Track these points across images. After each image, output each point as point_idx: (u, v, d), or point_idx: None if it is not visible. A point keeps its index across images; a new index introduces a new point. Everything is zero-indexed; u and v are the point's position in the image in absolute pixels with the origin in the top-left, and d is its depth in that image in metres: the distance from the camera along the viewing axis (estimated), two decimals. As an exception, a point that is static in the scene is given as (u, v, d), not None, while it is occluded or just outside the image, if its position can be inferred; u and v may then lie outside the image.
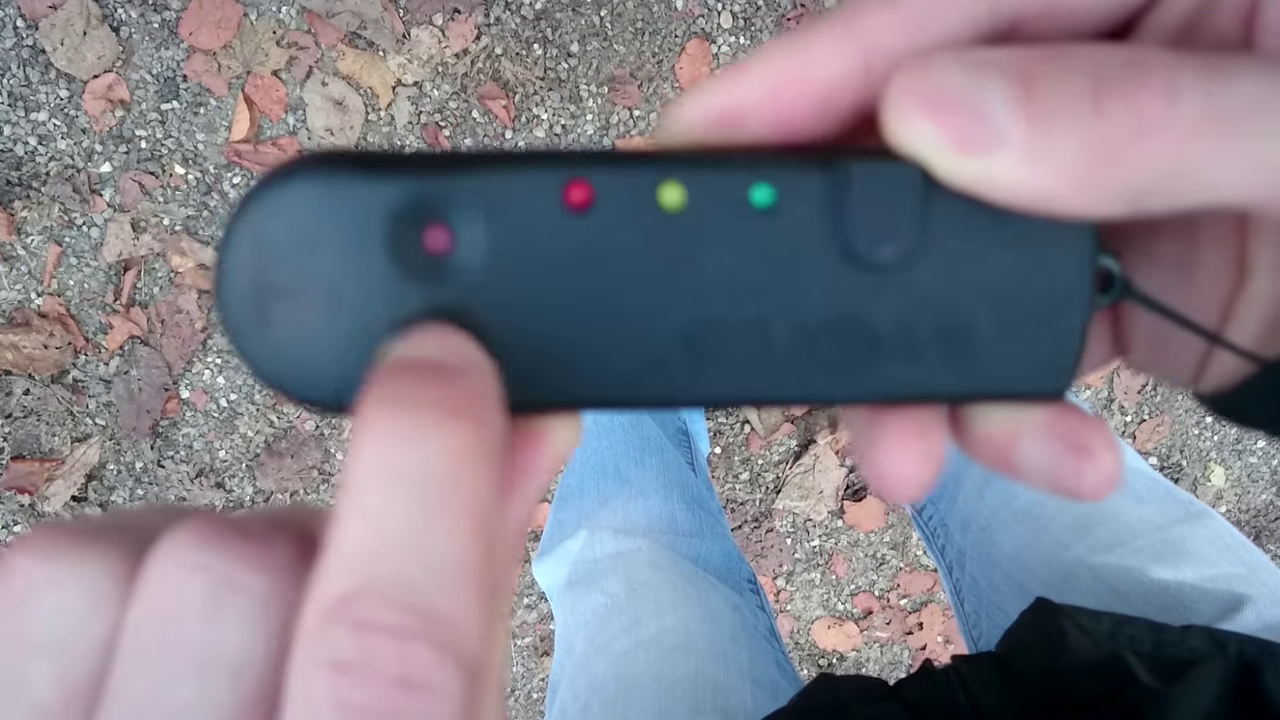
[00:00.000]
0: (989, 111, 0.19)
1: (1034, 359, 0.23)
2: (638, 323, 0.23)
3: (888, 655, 2.14)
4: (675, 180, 0.22)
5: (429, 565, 0.17)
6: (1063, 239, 0.22)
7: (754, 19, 1.57)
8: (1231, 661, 0.58)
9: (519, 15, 1.55)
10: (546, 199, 0.22)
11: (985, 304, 0.23)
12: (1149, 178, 0.19)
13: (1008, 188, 0.20)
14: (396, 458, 0.18)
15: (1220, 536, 0.82)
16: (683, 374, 0.23)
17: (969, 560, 1.02)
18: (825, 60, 0.21)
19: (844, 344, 0.23)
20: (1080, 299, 0.23)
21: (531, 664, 2.07)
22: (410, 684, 0.16)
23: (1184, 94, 0.18)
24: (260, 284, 0.21)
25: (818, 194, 0.22)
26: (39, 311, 1.63)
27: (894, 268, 0.22)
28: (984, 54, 0.20)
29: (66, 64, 1.51)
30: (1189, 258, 0.26)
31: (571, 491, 1.29)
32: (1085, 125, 0.19)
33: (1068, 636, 0.61)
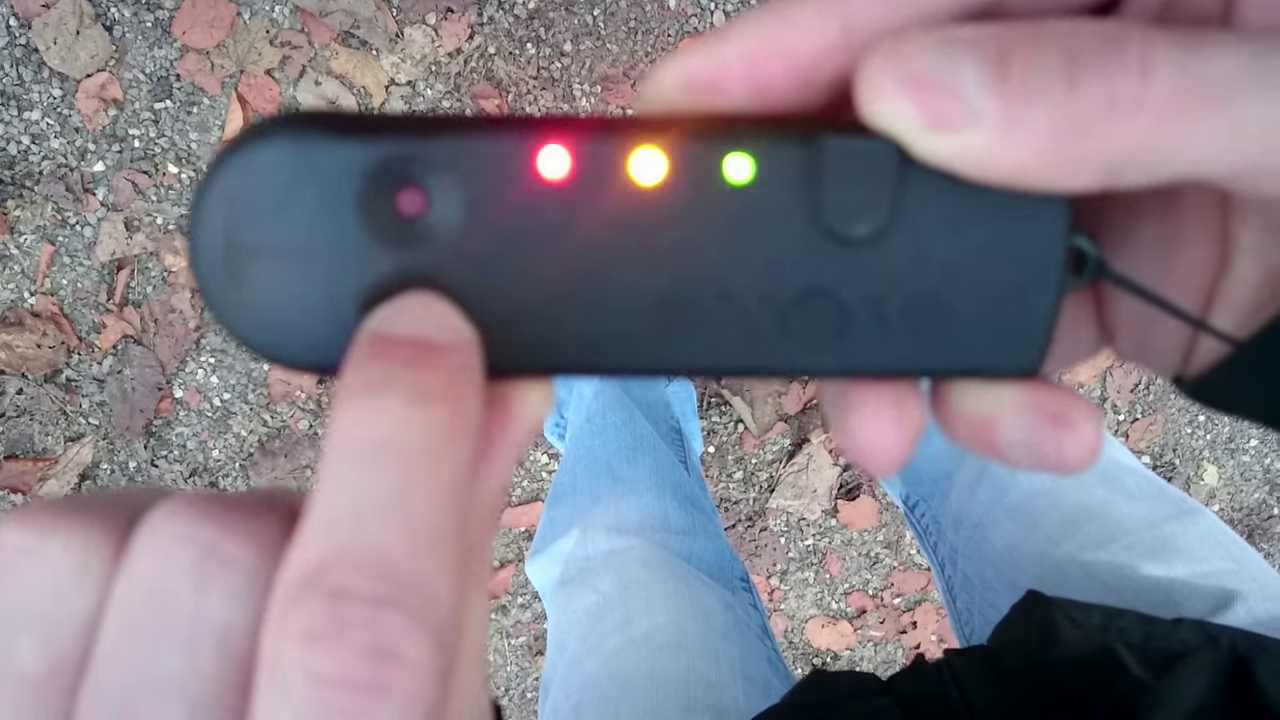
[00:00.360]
0: (963, 89, 0.19)
1: (1006, 336, 0.23)
2: (611, 290, 0.23)
3: (881, 654, 2.15)
4: (651, 150, 0.22)
5: (403, 535, 0.17)
6: (1037, 216, 0.22)
7: (747, 18, 1.57)
8: (1223, 654, 0.58)
9: (512, 14, 1.55)
10: (521, 165, 0.21)
11: (959, 280, 0.23)
12: (1122, 153, 0.19)
13: (981, 164, 0.20)
14: (374, 432, 0.18)
15: (1212, 533, 0.82)
16: (655, 342, 0.23)
17: (961, 557, 1.02)
18: (806, 31, 0.21)
19: (816, 317, 0.23)
20: (1052, 276, 0.22)
21: (525, 663, 2.07)
22: (383, 653, 0.16)
23: (1158, 70, 0.18)
24: (233, 243, 0.21)
25: (794, 168, 0.22)
26: (32, 311, 1.63)
27: (868, 243, 0.22)
28: (961, 31, 0.20)
29: (59, 63, 1.50)
30: (1171, 239, 0.26)
31: (564, 490, 1.29)
32: (1058, 102, 0.19)
33: (1059, 629, 0.61)
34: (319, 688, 0.16)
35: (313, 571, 0.17)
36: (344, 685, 0.16)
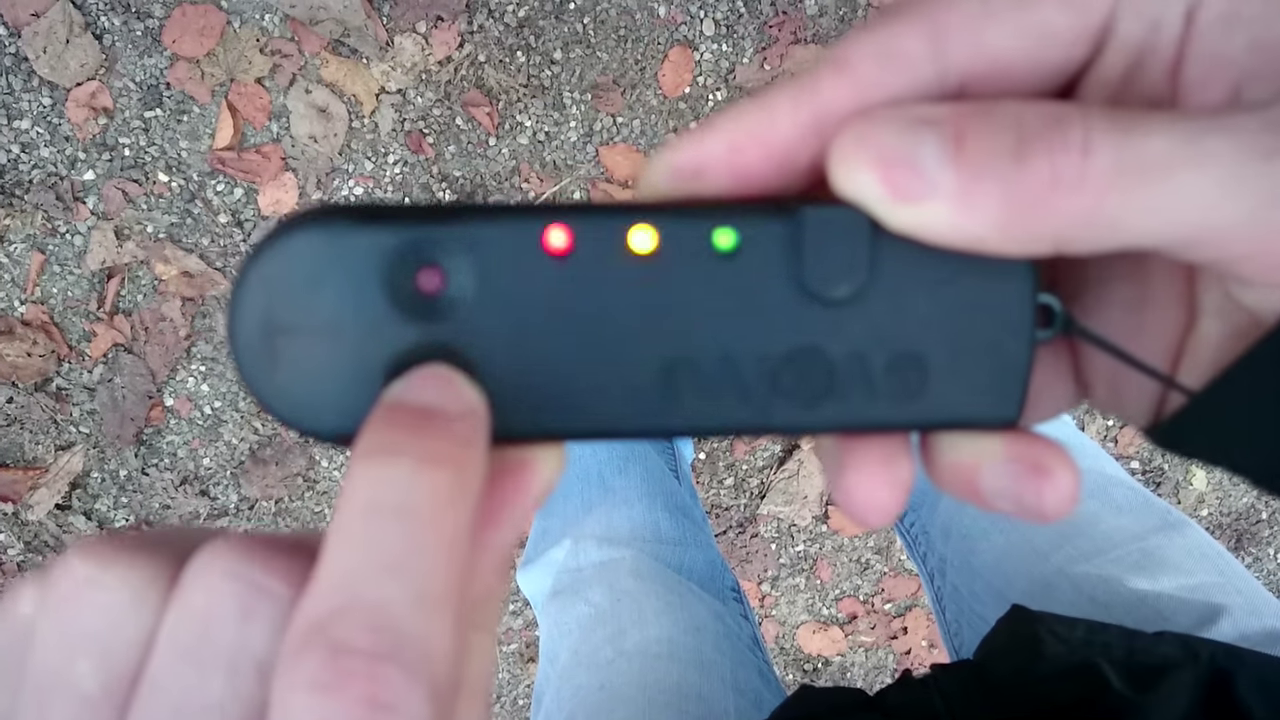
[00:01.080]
0: (922, 164, 0.21)
1: (984, 389, 0.25)
2: (615, 358, 0.24)
3: (872, 660, 2.15)
4: (646, 226, 0.24)
5: (404, 593, 0.19)
6: (1004, 276, 0.24)
7: (736, 26, 1.58)
8: (1204, 669, 0.58)
9: (502, 23, 1.55)
10: (528, 244, 0.23)
11: (935, 337, 0.24)
12: (1067, 225, 0.21)
13: (941, 232, 0.22)
14: (382, 494, 0.20)
15: (1198, 546, 0.83)
16: (658, 406, 0.25)
17: (950, 568, 1.02)
18: (781, 120, 0.23)
19: (805, 376, 0.24)
20: (1023, 332, 0.24)
21: (517, 670, 2.07)
22: (379, 704, 0.17)
23: (1097, 149, 0.20)
24: (269, 324, 0.23)
25: (776, 237, 0.24)
26: (22, 319, 1.63)
27: (848, 304, 0.24)
28: (922, 110, 0.22)
29: (49, 72, 1.50)
30: (1141, 301, 0.27)
31: (555, 500, 1.29)
32: (1008, 177, 0.20)
33: (1043, 644, 0.62)
34: None
35: (319, 624, 0.18)
36: None
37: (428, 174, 1.62)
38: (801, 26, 1.57)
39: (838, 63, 0.23)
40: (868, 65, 0.23)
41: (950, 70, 0.23)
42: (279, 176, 1.60)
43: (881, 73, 0.23)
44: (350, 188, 1.62)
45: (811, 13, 1.57)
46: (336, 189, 1.62)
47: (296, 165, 1.60)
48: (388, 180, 1.62)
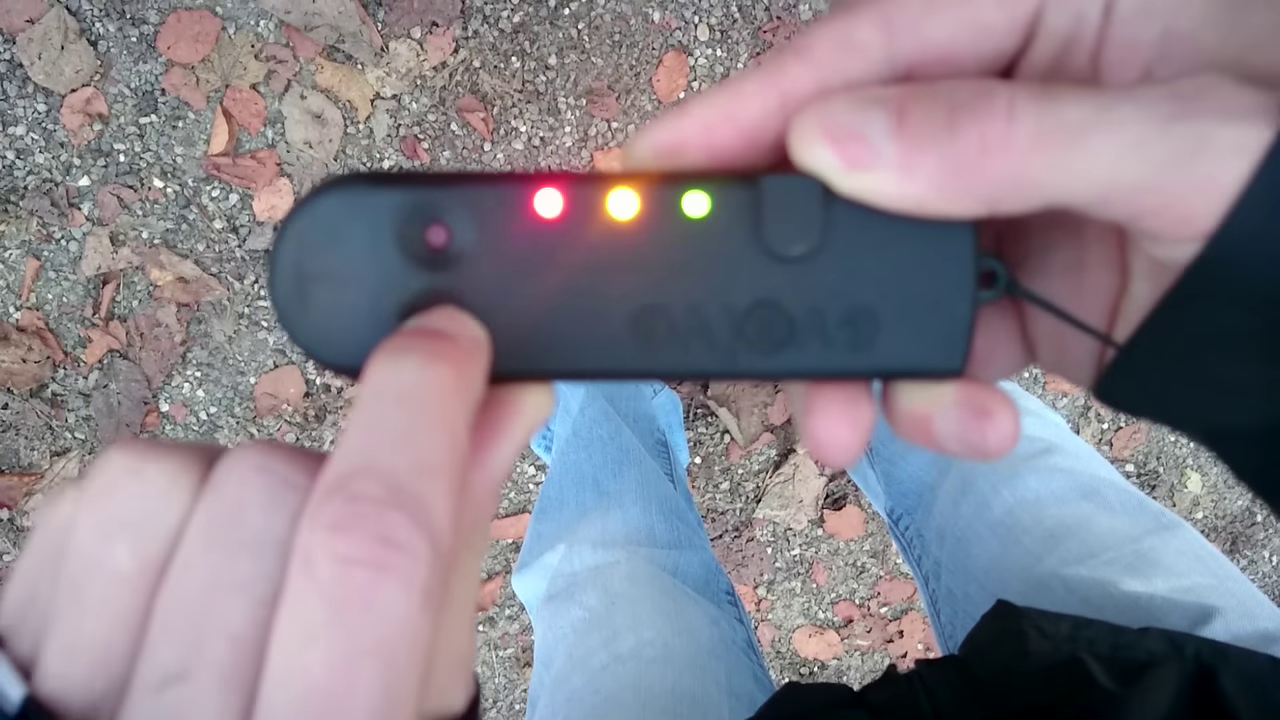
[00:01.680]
0: (870, 136, 0.24)
1: (931, 341, 0.27)
2: (597, 308, 0.27)
3: (869, 663, 2.15)
4: (627, 190, 0.27)
5: (410, 461, 0.22)
6: (947, 237, 0.27)
7: (730, 31, 1.58)
8: (1188, 664, 0.59)
9: (497, 28, 1.56)
10: (522, 205, 0.27)
11: (885, 293, 0.27)
12: (996, 185, 0.23)
13: (887, 196, 0.24)
14: (392, 383, 0.23)
15: (1191, 548, 0.83)
16: (635, 351, 0.28)
17: (945, 571, 1.02)
18: (750, 101, 0.26)
19: (767, 327, 0.27)
20: (965, 288, 0.27)
21: (514, 675, 2.07)
22: (388, 541, 0.20)
23: (1020, 115, 0.23)
24: (301, 272, 0.27)
25: (740, 202, 0.27)
26: (17, 325, 1.63)
27: (805, 262, 0.27)
28: (872, 91, 0.25)
29: (44, 78, 1.50)
30: (1078, 265, 0.30)
31: (550, 504, 1.29)
32: (943, 144, 0.23)
33: (1027, 639, 0.62)
34: (337, 564, 0.20)
35: (337, 481, 0.21)
36: (357, 562, 0.20)
37: (423, 179, 1.62)
38: (796, 31, 1.57)
39: (800, 50, 0.26)
40: (826, 52, 0.26)
41: (899, 57, 0.26)
42: (274, 182, 1.60)
43: (838, 59, 0.26)
44: (345, 193, 1.62)
45: (806, 18, 1.57)
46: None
47: (292, 171, 1.60)
48: (383, 185, 1.62)
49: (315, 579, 0.20)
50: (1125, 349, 0.27)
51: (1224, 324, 0.24)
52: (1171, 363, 0.26)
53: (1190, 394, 0.26)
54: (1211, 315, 0.24)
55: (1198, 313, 0.24)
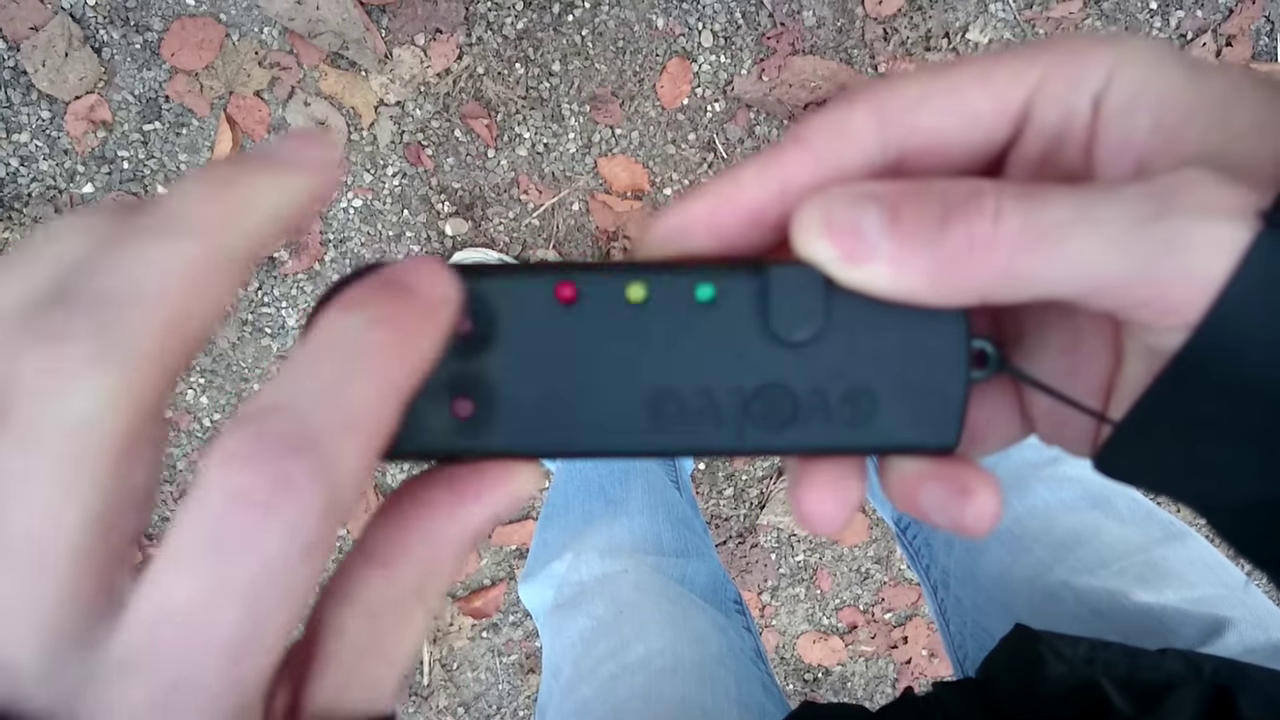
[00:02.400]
0: (866, 232, 0.25)
1: (927, 419, 0.29)
2: (612, 388, 0.29)
3: (873, 670, 2.15)
4: (639, 280, 0.28)
5: (329, 410, 0.22)
6: (940, 323, 0.28)
7: (734, 38, 1.58)
8: (1207, 685, 0.58)
9: (501, 35, 1.56)
10: (542, 295, 0.28)
11: (883, 375, 0.28)
12: (984, 280, 0.25)
13: (883, 287, 0.26)
14: (336, 334, 0.23)
15: (1201, 557, 0.83)
16: (646, 430, 0.29)
17: (954, 580, 1.02)
18: (750, 188, 0.28)
19: (772, 406, 0.29)
20: (958, 370, 0.28)
21: (517, 681, 2.06)
22: (284, 484, 0.20)
23: (1007, 216, 0.24)
24: None
25: (747, 290, 0.28)
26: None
27: (808, 346, 0.28)
28: (868, 187, 0.26)
29: (48, 85, 1.50)
30: (1073, 345, 0.31)
31: (557, 511, 1.29)
32: (934, 242, 0.25)
33: (1045, 663, 0.62)
34: (226, 496, 0.20)
35: (252, 414, 0.21)
36: (246, 498, 0.20)
37: (426, 186, 1.62)
38: (800, 38, 1.58)
39: (797, 138, 0.28)
40: (822, 140, 0.28)
41: (891, 145, 0.27)
42: (278, 189, 1.60)
43: (834, 146, 0.27)
44: (349, 200, 1.62)
45: (809, 24, 1.57)
46: (335, 201, 1.62)
47: (295, 177, 1.60)
48: (386, 192, 1.62)
49: (203, 504, 0.20)
50: (1118, 429, 0.28)
51: (1212, 408, 0.25)
52: (1163, 442, 0.27)
53: (1183, 471, 0.27)
54: (1200, 399, 0.25)
55: (1187, 396, 0.25)
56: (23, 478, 0.21)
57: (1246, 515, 0.28)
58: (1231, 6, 1.61)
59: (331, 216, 1.63)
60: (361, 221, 1.64)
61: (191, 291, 0.22)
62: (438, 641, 2.00)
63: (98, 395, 0.21)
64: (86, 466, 0.21)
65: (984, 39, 1.60)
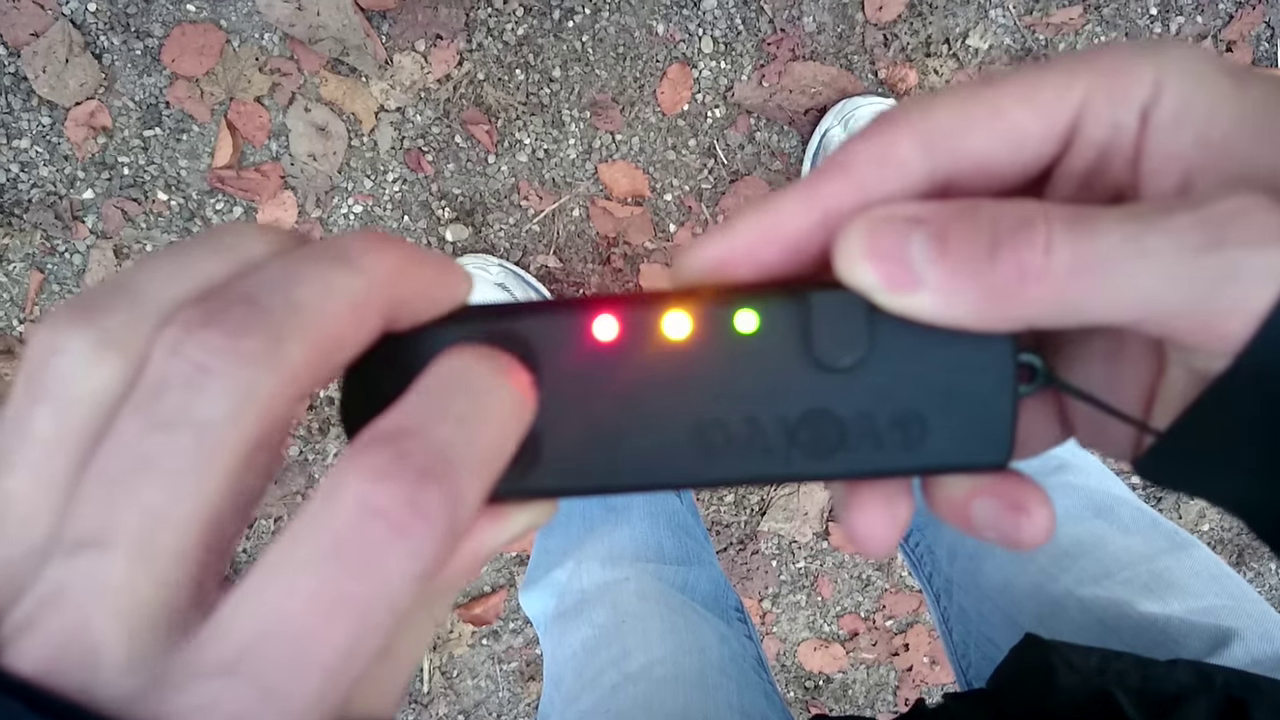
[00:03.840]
0: (912, 260, 0.25)
1: (976, 438, 0.28)
2: (658, 423, 0.28)
3: (874, 677, 2.15)
4: (680, 313, 0.28)
5: (464, 443, 0.23)
6: (987, 344, 0.28)
7: (734, 44, 1.58)
8: (1218, 697, 0.58)
9: (501, 41, 1.55)
10: (582, 332, 0.28)
11: (930, 397, 0.28)
12: (1034, 310, 0.24)
13: (928, 315, 0.25)
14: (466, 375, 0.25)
15: (1206, 567, 0.83)
16: (693, 462, 0.29)
17: (956, 589, 1.02)
18: (792, 218, 0.28)
19: (819, 433, 0.28)
20: (1006, 389, 0.28)
21: (518, 689, 2.06)
22: (418, 509, 0.21)
23: (1058, 247, 0.24)
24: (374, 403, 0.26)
25: (790, 318, 0.28)
26: (20, 339, 1.62)
27: (853, 372, 0.28)
28: (913, 209, 0.26)
29: (49, 91, 1.50)
30: (1117, 354, 0.31)
31: (557, 519, 1.29)
32: (983, 273, 0.24)
33: (1056, 673, 0.62)
34: (360, 509, 0.21)
35: (392, 433, 0.22)
36: (381, 516, 0.21)
37: (427, 192, 1.62)
38: (800, 44, 1.57)
39: (840, 165, 0.27)
40: (865, 167, 0.27)
41: (938, 170, 0.27)
42: (278, 195, 1.60)
43: (878, 174, 0.27)
44: (350, 206, 1.62)
45: (809, 30, 1.57)
46: (336, 207, 1.61)
47: (296, 184, 1.60)
48: (387, 198, 1.62)
49: (333, 513, 0.21)
50: (1161, 438, 0.28)
51: (1253, 424, 0.25)
52: (1205, 451, 0.27)
53: (1224, 478, 0.27)
54: (1243, 414, 0.25)
55: (1230, 413, 0.25)
56: (159, 458, 0.21)
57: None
58: (1232, 12, 1.61)
59: (332, 222, 1.62)
60: (362, 227, 1.63)
61: (352, 322, 0.24)
62: (438, 649, 2.00)
63: (251, 392, 0.21)
64: (220, 461, 0.21)
65: (984, 45, 1.60)
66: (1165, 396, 0.29)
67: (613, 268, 1.69)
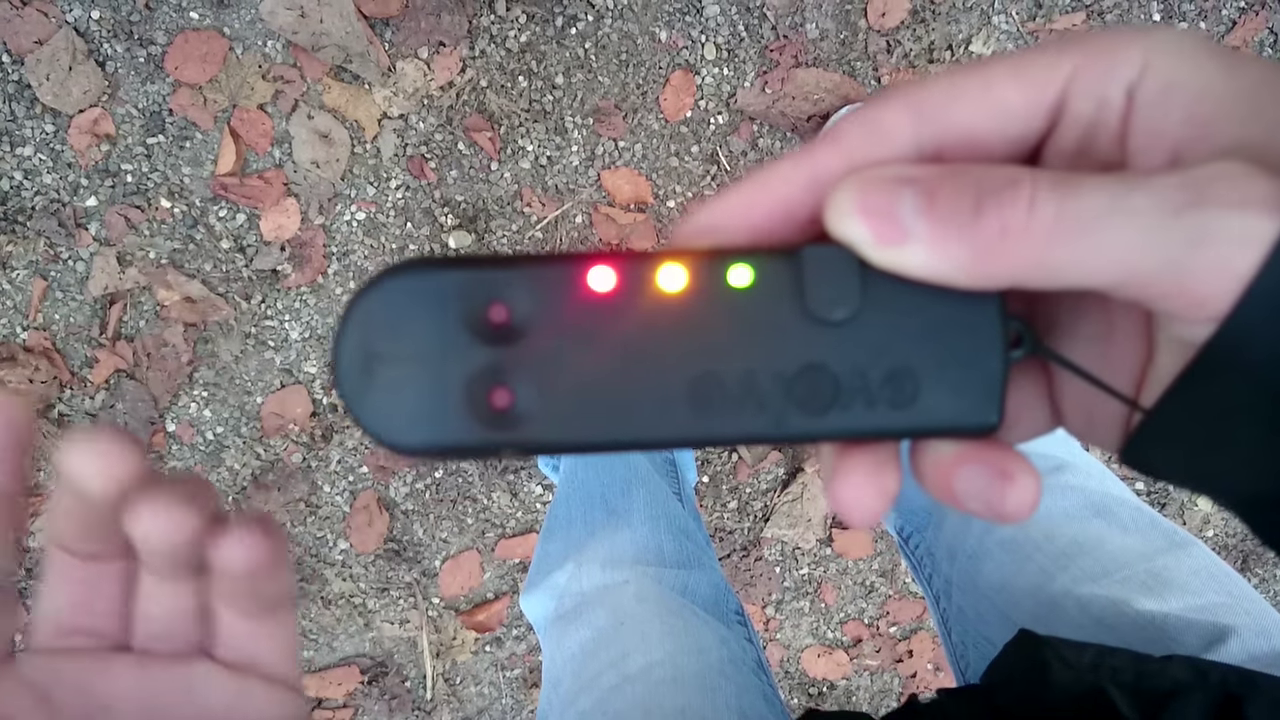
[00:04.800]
0: (901, 215, 0.26)
1: (966, 400, 0.29)
2: (652, 378, 0.29)
3: (878, 684, 2.14)
4: (676, 265, 0.28)
5: None
6: (976, 303, 0.28)
7: (737, 50, 1.58)
8: (1214, 692, 0.58)
9: (504, 48, 1.56)
10: (578, 281, 0.28)
11: (923, 355, 0.28)
12: (1017, 267, 0.25)
13: (916, 270, 0.26)
14: None
15: (1205, 566, 0.82)
16: (690, 418, 0.29)
17: (955, 589, 1.02)
18: (784, 183, 0.28)
19: (814, 388, 0.29)
20: (996, 349, 0.28)
21: (521, 696, 2.06)
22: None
23: (1041, 204, 0.24)
24: (367, 355, 0.28)
25: (782, 272, 0.28)
26: (24, 346, 1.63)
27: (846, 326, 0.28)
28: (903, 169, 0.26)
29: (52, 99, 1.51)
30: (1106, 335, 0.31)
31: (559, 523, 1.29)
32: (968, 228, 0.25)
33: (1051, 669, 0.61)
34: None
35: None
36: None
37: (430, 199, 1.63)
38: (803, 50, 1.58)
39: (831, 136, 0.28)
40: (856, 138, 0.28)
41: (926, 142, 0.27)
42: (281, 202, 1.60)
43: (868, 144, 0.28)
44: (353, 213, 1.62)
45: (812, 36, 1.57)
46: (339, 214, 1.62)
47: (299, 190, 1.60)
48: (390, 205, 1.62)
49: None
50: (1149, 416, 0.28)
51: (1242, 398, 0.25)
52: (1194, 432, 0.27)
53: (1213, 462, 0.27)
54: (1230, 390, 0.25)
55: (1217, 387, 0.26)
56: None
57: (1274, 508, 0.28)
58: (1235, 18, 1.61)
59: (335, 230, 1.63)
60: (365, 234, 1.64)
61: None
62: (441, 656, 2.00)
63: None
64: None
65: (987, 51, 1.60)
66: (1154, 379, 0.30)
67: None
